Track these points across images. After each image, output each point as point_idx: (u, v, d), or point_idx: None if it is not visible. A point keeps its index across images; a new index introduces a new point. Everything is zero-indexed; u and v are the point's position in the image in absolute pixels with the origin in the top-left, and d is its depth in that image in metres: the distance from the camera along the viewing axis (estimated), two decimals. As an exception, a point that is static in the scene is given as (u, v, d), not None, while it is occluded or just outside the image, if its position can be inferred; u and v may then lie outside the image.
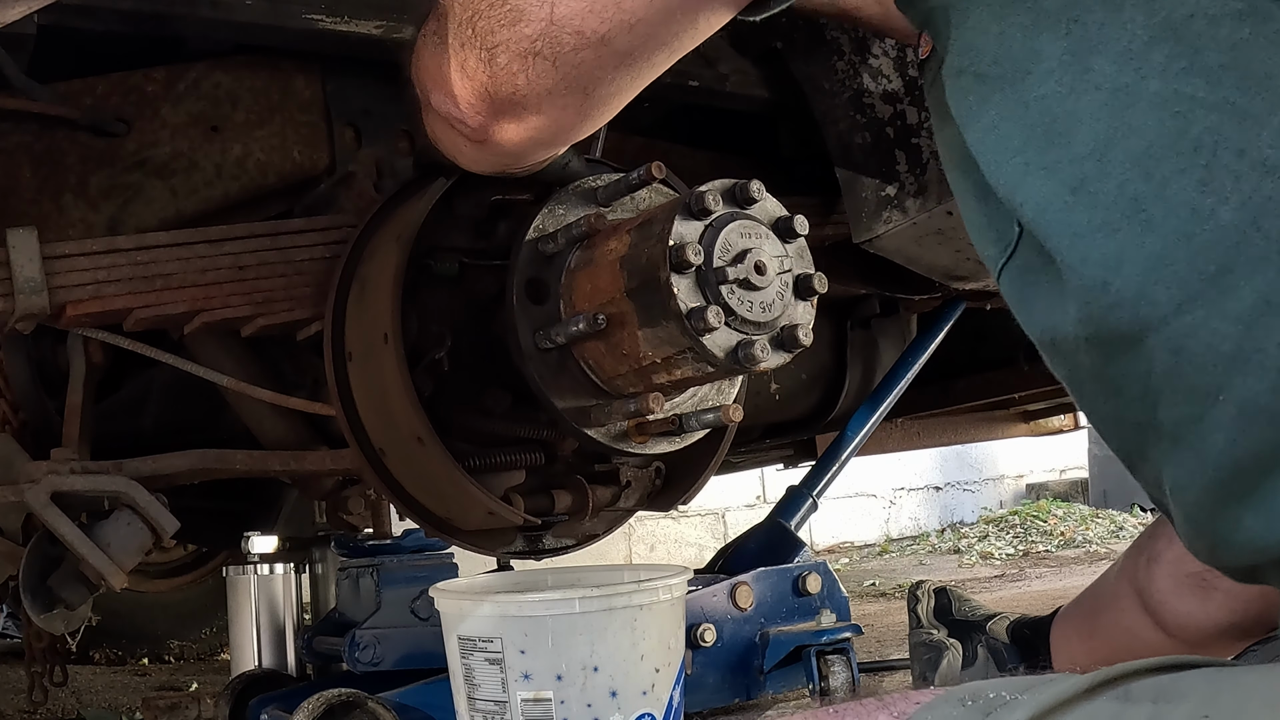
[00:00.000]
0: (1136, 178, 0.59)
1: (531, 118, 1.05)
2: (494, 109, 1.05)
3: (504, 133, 1.08)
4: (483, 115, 1.06)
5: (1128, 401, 0.63)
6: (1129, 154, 0.59)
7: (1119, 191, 0.59)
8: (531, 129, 1.07)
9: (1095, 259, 0.60)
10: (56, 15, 1.32)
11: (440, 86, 1.07)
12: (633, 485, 1.61)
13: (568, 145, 1.24)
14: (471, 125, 1.08)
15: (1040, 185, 0.62)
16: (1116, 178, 0.59)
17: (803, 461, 3.01)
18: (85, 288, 1.45)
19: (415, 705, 1.64)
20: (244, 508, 2.66)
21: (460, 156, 1.24)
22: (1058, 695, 0.54)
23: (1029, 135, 0.63)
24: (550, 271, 1.38)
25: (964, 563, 5.61)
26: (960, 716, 0.55)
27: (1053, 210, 0.62)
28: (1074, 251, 0.61)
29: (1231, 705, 0.50)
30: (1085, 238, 0.61)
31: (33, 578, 1.54)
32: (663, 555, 6.00)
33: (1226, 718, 0.49)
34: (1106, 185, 0.60)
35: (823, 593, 1.93)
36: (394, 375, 1.39)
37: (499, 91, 1.02)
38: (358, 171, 1.61)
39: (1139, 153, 0.59)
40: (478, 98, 1.04)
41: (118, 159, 1.54)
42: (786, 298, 1.27)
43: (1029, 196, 0.63)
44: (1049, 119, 0.62)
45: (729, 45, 1.81)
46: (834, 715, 0.59)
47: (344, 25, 1.52)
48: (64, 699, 2.89)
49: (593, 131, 1.16)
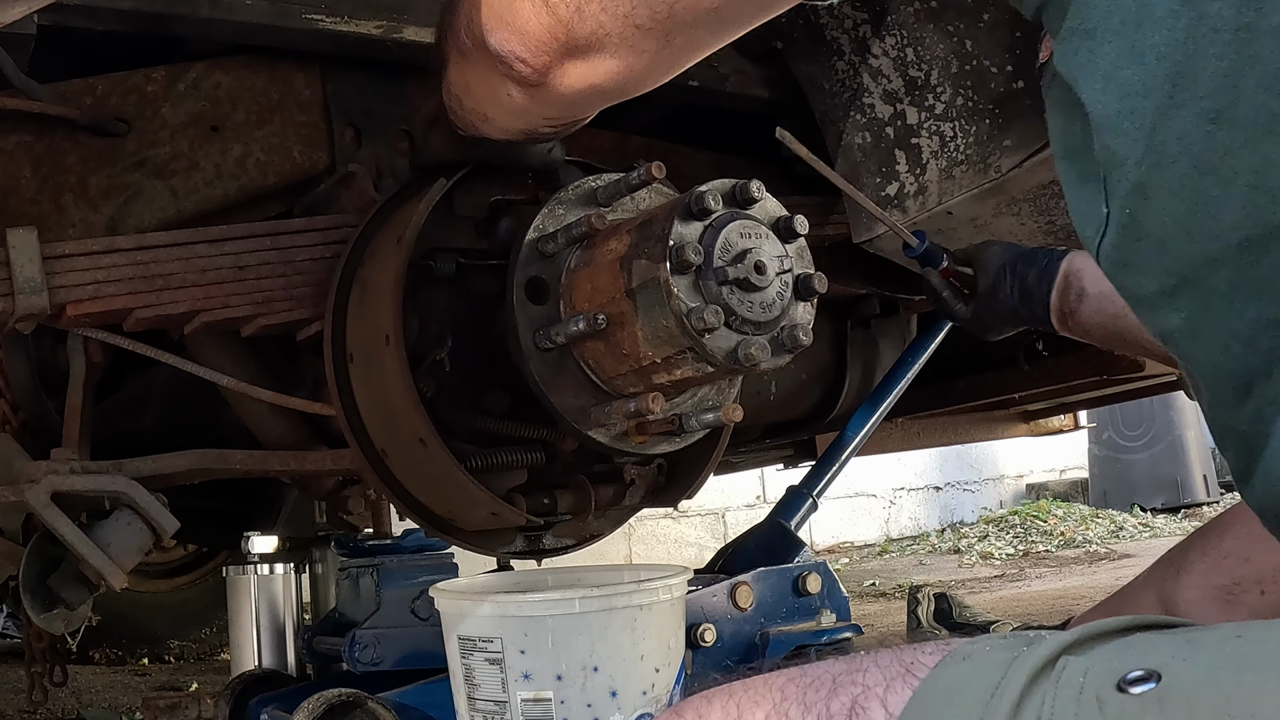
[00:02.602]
0: (1272, 98, 0.64)
1: (602, 61, 1.01)
2: (565, 48, 0.99)
3: (566, 77, 1.03)
4: (549, 55, 1.00)
5: (1275, 296, 0.66)
6: (1260, 80, 0.64)
7: (1256, 113, 0.64)
8: (598, 75, 1.03)
9: (1245, 169, 0.65)
10: (56, 15, 1.32)
11: (506, 22, 1.01)
12: (636, 483, 1.61)
13: (626, 98, 1.16)
14: (533, 66, 1.03)
15: (1178, 121, 0.66)
16: (1251, 102, 0.64)
17: (803, 461, 3.01)
18: (85, 288, 1.45)
19: (415, 705, 1.64)
20: (244, 508, 2.67)
21: (497, 109, 1.19)
22: (1089, 630, 0.56)
23: (1150, 79, 0.67)
24: (550, 271, 1.38)
25: (964, 563, 5.61)
26: (999, 645, 0.56)
27: (1195, 138, 0.66)
28: (1226, 166, 0.65)
29: None
30: (1234, 154, 0.65)
31: (33, 578, 1.54)
32: (663, 555, 6.00)
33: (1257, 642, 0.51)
34: (1243, 110, 0.65)
35: (823, 593, 1.93)
36: (396, 377, 1.39)
37: (578, 29, 0.96)
38: (358, 171, 1.61)
39: (1270, 77, 0.64)
40: (550, 34, 0.98)
41: (118, 159, 1.54)
42: (786, 298, 1.27)
43: (1169, 132, 0.67)
44: (1169, 64, 0.66)
45: (729, 45, 1.81)
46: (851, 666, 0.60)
47: (344, 25, 1.52)
48: (64, 699, 2.89)
49: (653, 88, 1.12)
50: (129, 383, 2.04)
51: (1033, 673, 0.52)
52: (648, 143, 1.90)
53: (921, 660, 0.57)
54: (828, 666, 0.61)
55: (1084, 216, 0.76)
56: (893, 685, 0.57)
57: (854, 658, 0.61)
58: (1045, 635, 0.56)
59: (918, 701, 0.55)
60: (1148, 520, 6.45)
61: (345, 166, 1.63)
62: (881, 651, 0.60)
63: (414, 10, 1.55)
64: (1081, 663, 0.52)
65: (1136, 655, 0.52)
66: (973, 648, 0.57)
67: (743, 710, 0.61)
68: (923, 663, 0.57)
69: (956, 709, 0.53)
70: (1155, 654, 0.51)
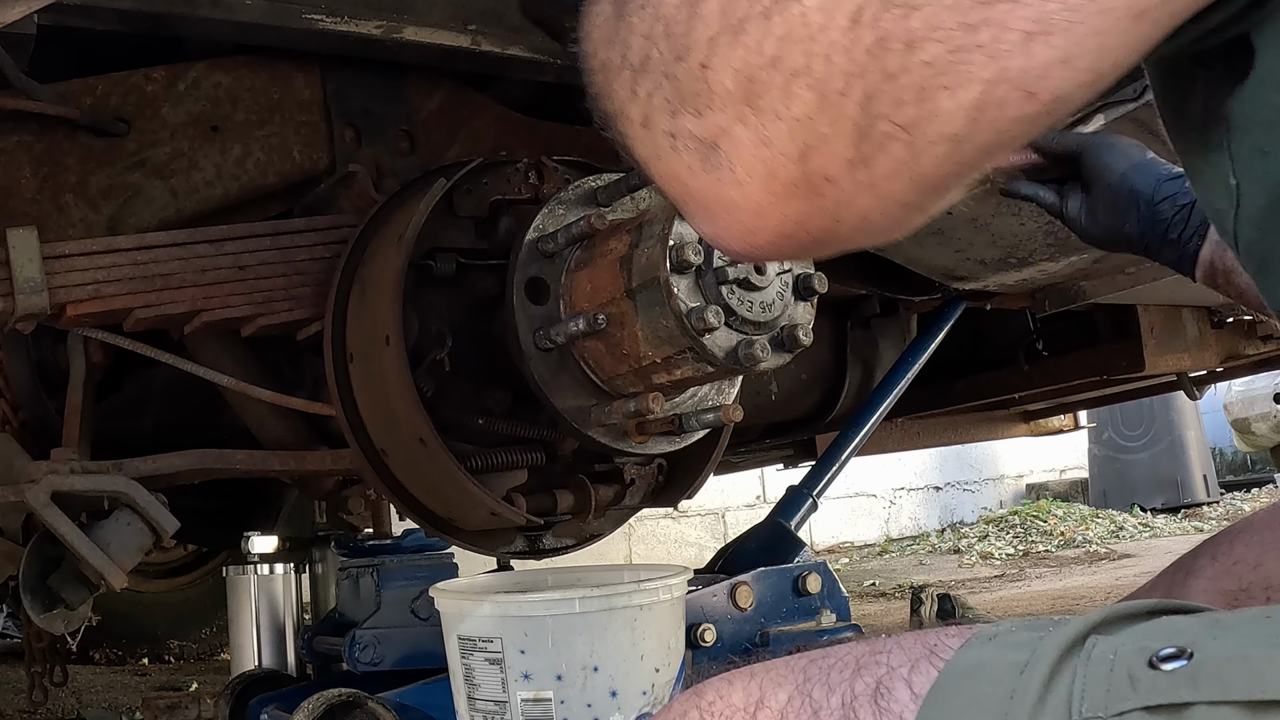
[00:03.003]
0: None
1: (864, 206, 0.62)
2: (815, 241, 0.64)
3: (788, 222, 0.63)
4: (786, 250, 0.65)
5: None
6: None
7: None
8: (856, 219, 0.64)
9: None
10: (56, 15, 1.32)
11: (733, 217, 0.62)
12: (636, 483, 1.61)
13: None
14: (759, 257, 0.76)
15: None
16: None
17: (803, 461, 3.01)
18: (85, 288, 1.45)
19: (415, 705, 1.64)
20: (244, 508, 2.67)
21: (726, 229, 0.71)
22: (1114, 611, 0.55)
23: None
24: (550, 271, 1.38)
25: (964, 563, 5.61)
26: (1024, 626, 0.56)
27: None
28: None
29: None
30: None
31: (33, 578, 1.54)
32: (663, 555, 6.00)
33: None
34: None
35: (823, 593, 1.93)
36: (396, 377, 1.39)
37: (842, 218, 0.60)
38: (358, 171, 1.61)
39: None
40: (799, 228, 0.63)
41: (118, 159, 1.54)
42: (786, 298, 1.27)
43: None
44: None
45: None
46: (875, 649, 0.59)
47: (344, 25, 1.51)
48: (64, 699, 2.89)
49: None
50: (129, 383, 2.04)
51: (1062, 650, 0.52)
52: (648, 143, 1.90)
53: (945, 642, 0.57)
54: (850, 648, 0.60)
55: (1210, 187, 0.69)
56: (918, 665, 0.56)
57: (876, 640, 0.60)
58: (1069, 618, 0.55)
59: (944, 680, 0.54)
60: (1148, 520, 6.44)
61: (345, 166, 1.63)
62: (904, 634, 0.60)
63: (414, 10, 1.55)
64: (1111, 641, 0.52)
65: (1166, 634, 0.51)
66: (997, 629, 0.57)
67: (765, 691, 0.61)
68: (947, 644, 0.57)
69: (985, 686, 0.52)
70: (1185, 633, 0.51)
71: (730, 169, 0.59)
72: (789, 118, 0.56)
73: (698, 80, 0.58)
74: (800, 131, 0.56)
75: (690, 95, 0.59)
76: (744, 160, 0.59)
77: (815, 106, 0.55)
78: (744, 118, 0.58)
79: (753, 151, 0.58)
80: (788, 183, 0.58)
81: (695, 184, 0.62)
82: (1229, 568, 1.38)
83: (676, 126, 0.61)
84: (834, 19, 0.53)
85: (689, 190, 0.63)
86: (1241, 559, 1.37)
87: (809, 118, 0.56)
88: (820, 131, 0.56)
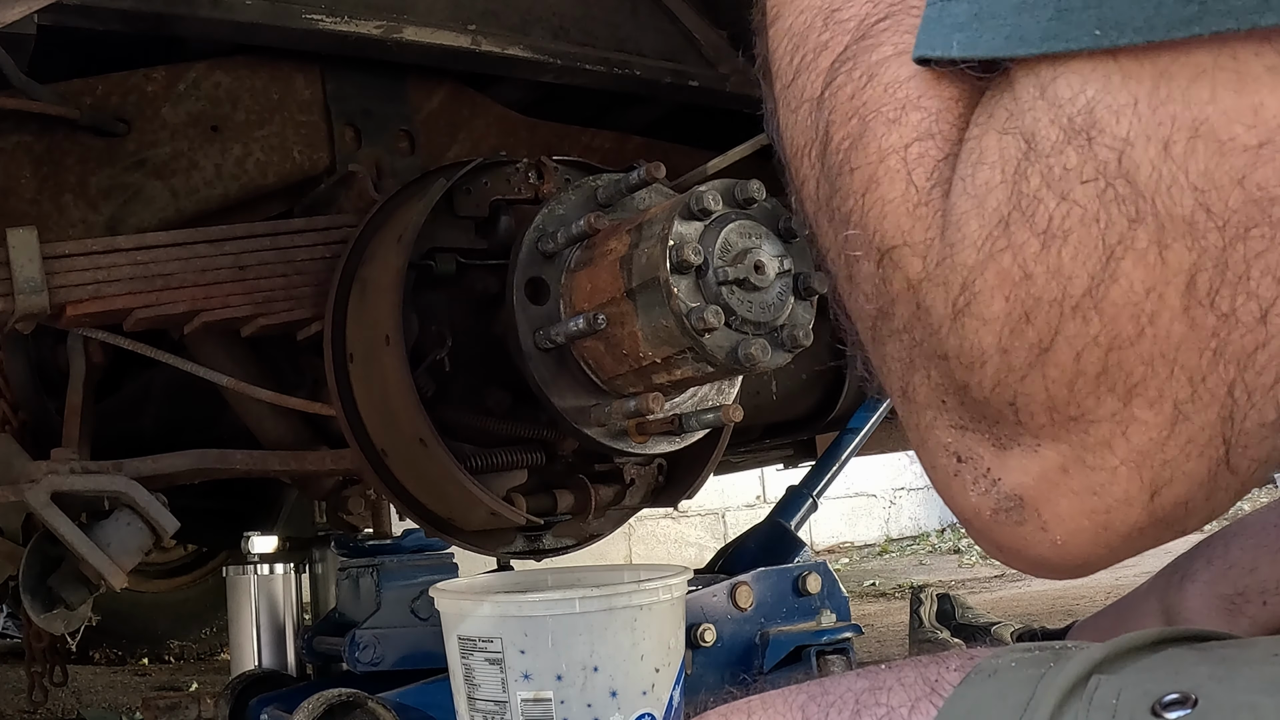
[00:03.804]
0: None
1: None
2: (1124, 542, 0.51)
3: None
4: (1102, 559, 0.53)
5: None
6: None
7: None
8: None
9: None
10: (56, 15, 1.32)
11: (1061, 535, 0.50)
12: (636, 483, 1.61)
13: None
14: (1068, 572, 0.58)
15: None
16: None
17: (803, 461, 3.01)
18: (85, 288, 1.45)
19: (415, 705, 1.64)
20: (244, 508, 2.67)
21: None
22: (1119, 645, 0.53)
23: None
24: (550, 271, 1.38)
25: (964, 563, 5.61)
26: (1025, 661, 0.54)
27: None
28: None
29: None
30: None
31: (33, 578, 1.54)
32: (663, 555, 6.00)
33: None
34: None
35: (823, 593, 1.93)
36: (396, 377, 1.39)
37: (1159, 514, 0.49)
38: (358, 171, 1.61)
39: None
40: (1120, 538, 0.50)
41: (118, 159, 1.54)
42: (786, 298, 1.27)
43: None
44: None
45: (729, 45, 1.81)
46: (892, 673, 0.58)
47: (344, 25, 1.51)
48: (64, 699, 2.89)
49: None
50: (129, 383, 2.04)
51: (1063, 692, 0.50)
52: (648, 143, 1.90)
53: (946, 678, 0.55)
54: (849, 683, 0.59)
55: None
56: (918, 705, 0.55)
57: (876, 674, 0.59)
58: (1072, 649, 0.52)
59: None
60: (1148, 520, 6.44)
61: (345, 166, 1.63)
62: (904, 667, 0.58)
63: (414, 10, 1.55)
64: (1114, 683, 0.49)
65: (1171, 676, 0.49)
66: (998, 663, 0.55)
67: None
68: (947, 680, 0.55)
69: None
70: (1190, 675, 0.48)
71: (1040, 527, 0.48)
72: (1126, 451, 0.44)
73: (1002, 402, 0.45)
74: (1146, 465, 0.44)
75: (981, 418, 0.46)
76: (1062, 518, 0.48)
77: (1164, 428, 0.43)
78: (1066, 464, 0.46)
79: (1076, 505, 0.47)
80: (1128, 532, 0.48)
81: (986, 525, 0.50)
82: (1224, 571, 1.38)
83: (965, 449, 0.48)
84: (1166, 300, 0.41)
85: (975, 519, 0.51)
86: (1236, 563, 1.37)
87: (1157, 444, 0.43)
88: (1170, 458, 0.44)
